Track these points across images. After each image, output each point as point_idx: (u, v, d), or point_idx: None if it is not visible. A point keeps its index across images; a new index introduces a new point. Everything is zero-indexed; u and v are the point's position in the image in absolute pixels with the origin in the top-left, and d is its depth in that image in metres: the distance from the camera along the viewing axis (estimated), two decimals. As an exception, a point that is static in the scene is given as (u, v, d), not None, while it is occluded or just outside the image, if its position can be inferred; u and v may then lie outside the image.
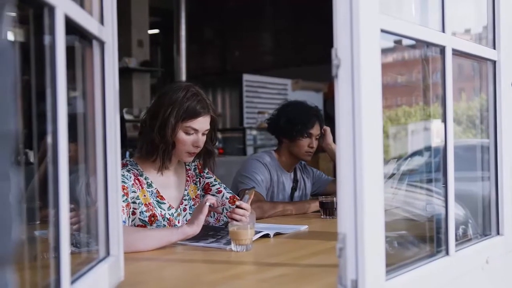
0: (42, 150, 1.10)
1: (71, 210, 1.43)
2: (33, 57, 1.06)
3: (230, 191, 2.43)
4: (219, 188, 2.40)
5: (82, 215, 1.62)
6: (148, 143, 2.19)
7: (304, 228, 2.35)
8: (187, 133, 2.18)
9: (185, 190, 2.33)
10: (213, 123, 2.27)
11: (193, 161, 2.39)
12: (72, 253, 1.08)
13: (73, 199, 1.14)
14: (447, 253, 1.51)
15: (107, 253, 1.38)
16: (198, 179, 2.40)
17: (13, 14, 0.63)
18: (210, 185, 2.41)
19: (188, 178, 2.36)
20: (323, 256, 1.82)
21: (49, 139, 1.00)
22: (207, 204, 1.99)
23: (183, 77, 8.18)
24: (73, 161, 1.10)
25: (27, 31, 1.03)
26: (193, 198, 2.35)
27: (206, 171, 2.43)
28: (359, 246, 1.16)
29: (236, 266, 1.73)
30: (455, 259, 1.52)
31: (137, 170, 2.21)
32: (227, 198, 2.36)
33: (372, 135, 1.19)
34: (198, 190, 2.38)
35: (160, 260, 1.81)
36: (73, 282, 1.09)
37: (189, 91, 2.18)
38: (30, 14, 1.00)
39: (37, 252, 1.29)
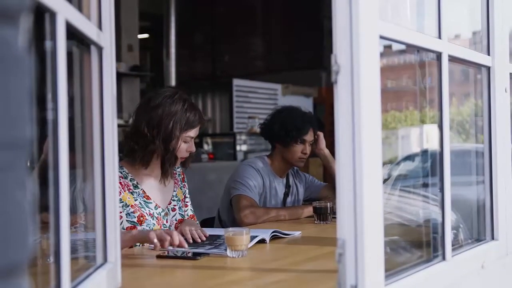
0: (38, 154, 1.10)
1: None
2: (33, 62, 1.05)
3: (192, 210, 2.50)
4: (187, 202, 2.49)
5: None
6: (149, 153, 2.25)
7: (298, 233, 2.35)
8: (185, 142, 2.29)
9: (174, 191, 2.41)
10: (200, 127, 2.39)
11: (177, 167, 2.48)
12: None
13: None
14: (443, 258, 1.52)
15: (105, 260, 1.37)
16: (182, 185, 2.49)
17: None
18: (185, 195, 2.51)
19: (175, 181, 2.45)
20: (320, 262, 1.82)
21: (50, 145, 0.99)
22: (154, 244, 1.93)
23: (173, 82, 8.16)
24: (69, 166, 1.10)
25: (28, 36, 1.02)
26: (182, 200, 2.44)
27: (185, 181, 2.52)
28: (359, 251, 1.17)
29: (233, 272, 1.73)
30: (452, 264, 1.53)
31: (121, 173, 2.25)
32: (187, 215, 2.44)
33: (372, 140, 1.20)
34: (182, 194, 2.47)
35: (156, 267, 1.80)
36: (72, 289, 1.09)
37: (186, 102, 2.28)
38: (31, 19, 0.99)
39: (36, 258, 1.28)
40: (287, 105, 3.23)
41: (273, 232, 2.19)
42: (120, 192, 2.19)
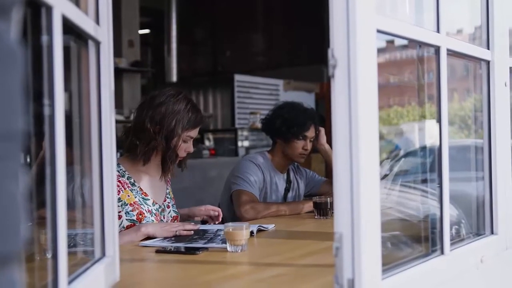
0: (36, 150, 1.10)
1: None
2: (28, 57, 1.05)
3: (176, 210, 2.49)
4: (169, 203, 2.47)
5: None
6: (150, 149, 2.27)
7: (271, 227, 2.36)
8: (185, 141, 2.32)
9: (167, 189, 2.46)
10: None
11: None
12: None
13: (67, 200, 1.14)
14: (442, 252, 1.52)
15: (103, 254, 1.37)
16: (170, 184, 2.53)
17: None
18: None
19: (168, 180, 2.49)
20: (318, 256, 1.83)
21: (46, 141, 0.99)
22: (176, 232, 2.14)
23: (174, 78, 8.17)
24: (67, 162, 1.10)
25: (24, 31, 1.02)
26: (172, 199, 2.48)
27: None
28: (356, 245, 1.17)
29: (231, 266, 1.73)
30: (450, 258, 1.53)
31: (118, 171, 2.27)
32: (171, 217, 2.44)
33: (368, 134, 1.20)
34: (172, 193, 2.51)
35: (155, 261, 1.81)
36: (69, 283, 1.09)
37: (189, 102, 2.32)
38: (27, 14, 0.99)
39: (32, 253, 1.29)
40: (289, 100, 3.22)
41: (258, 226, 2.25)
42: (119, 191, 2.21)
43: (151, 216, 2.28)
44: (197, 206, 2.57)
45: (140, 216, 2.24)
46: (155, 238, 2.10)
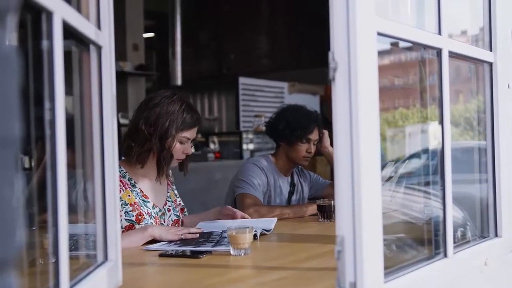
0: (40, 154, 1.10)
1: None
2: (30, 62, 1.06)
3: (177, 214, 2.48)
4: (169, 206, 2.46)
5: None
6: (145, 151, 2.27)
7: (273, 222, 2.36)
8: (181, 143, 2.32)
9: (168, 192, 2.46)
10: (198, 131, 2.45)
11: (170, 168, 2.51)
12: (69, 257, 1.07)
13: (70, 204, 1.14)
14: (445, 255, 1.52)
15: (105, 258, 1.37)
16: (173, 187, 2.53)
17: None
18: (177, 196, 2.53)
19: (169, 183, 2.49)
20: (322, 259, 1.82)
21: (47, 145, 0.99)
22: (182, 236, 2.12)
23: (179, 81, 8.17)
24: (70, 167, 1.10)
25: (25, 36, 1.02)
26: (174, 201, 2.48)
27: (173, 184, 2.55)
28: (358, 248, 1.17)
29: (235, 270, 1.73)
30: (453, 261, 1.53)
31: (120, 172, 2.28)
32: (171, 220, 2.43)
33: (370, 137, 1.19)
34: (175, 196, 2.51)
35: (158, 265, 1.80)
36: (71, 287, 1.09)
37: (184, 103, 2.32)
38: (28, 19, 0.99)
39: (35, 257, 1.29)
40: (292, 103, 3.22)
41: (261, 231, 2.23)
42: (120, 190, 2.22)
43: (150, 218, 2.28)
44: (203, 208, 2.58)
45: (140, 217, 2.24)
46: (160, 240, 2.10)
